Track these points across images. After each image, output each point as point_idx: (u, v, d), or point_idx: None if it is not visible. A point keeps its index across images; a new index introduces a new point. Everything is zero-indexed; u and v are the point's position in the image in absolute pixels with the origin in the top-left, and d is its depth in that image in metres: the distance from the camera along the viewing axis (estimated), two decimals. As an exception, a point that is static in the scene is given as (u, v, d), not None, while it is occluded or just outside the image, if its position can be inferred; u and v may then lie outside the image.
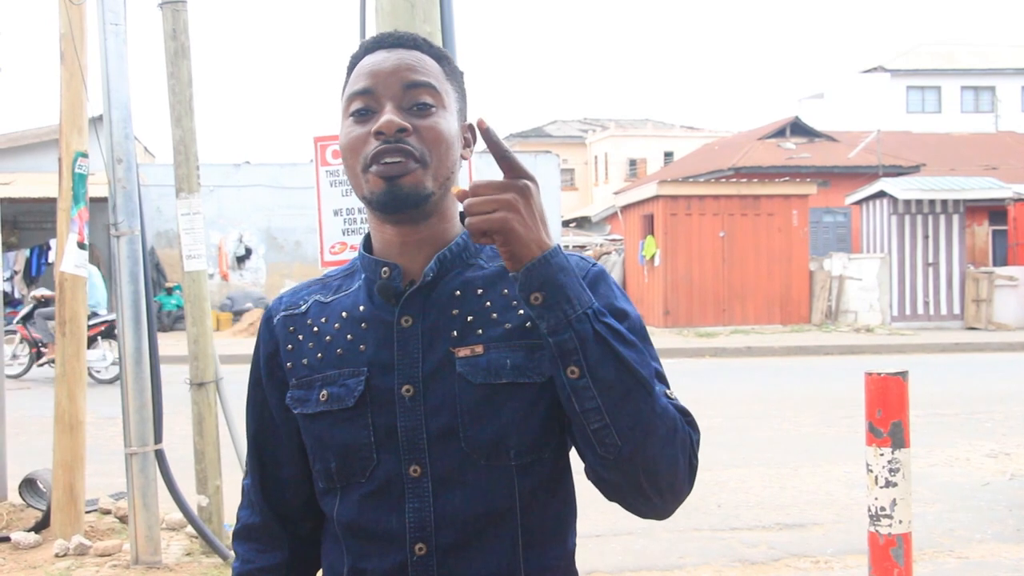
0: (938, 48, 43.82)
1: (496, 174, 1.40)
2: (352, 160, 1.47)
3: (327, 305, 1.56)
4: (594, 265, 1.52)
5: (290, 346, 1.55)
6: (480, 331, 1.46)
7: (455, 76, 1.55)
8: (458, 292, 1.48)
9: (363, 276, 1.54)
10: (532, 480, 1.45)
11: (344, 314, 1.52)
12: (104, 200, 5.36)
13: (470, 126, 1.56)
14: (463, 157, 1.52)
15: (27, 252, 22.77)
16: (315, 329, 1.54)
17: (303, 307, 1.58)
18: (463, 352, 1.44)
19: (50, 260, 21.44)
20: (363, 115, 1.46)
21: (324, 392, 1.49)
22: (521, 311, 1.46)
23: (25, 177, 21.17)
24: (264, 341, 1.59)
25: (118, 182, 5.11)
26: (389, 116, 1.43)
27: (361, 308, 1.51)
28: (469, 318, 1.47)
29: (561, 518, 1.51)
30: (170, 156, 5.71)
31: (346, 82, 1.54)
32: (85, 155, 5.60)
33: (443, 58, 1.54)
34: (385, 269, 1.49)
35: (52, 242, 19.62)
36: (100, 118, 5.21)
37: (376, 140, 1.43)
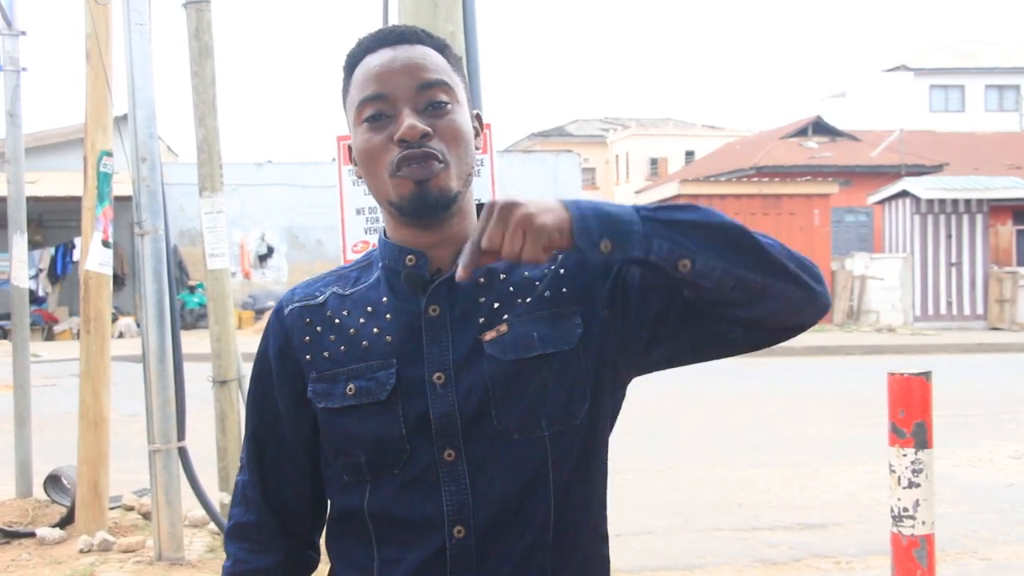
0: (961, 47, 43.51)
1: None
2: (373, 167, 1.45)
3: (347, 297, 1.53)
4: None
5: (307, 338, 1.52)
6: (506, 315, 1.46)
7: (458, 65, 1.53)
8: (482, 279, 1.48)
9: (381, 266, 1.52)
10: (564, 448, 1.45)
11: (369, 308, 1.50)
12: (128, 199, 5.40)
13: (477, 115, 1.55)
14: (476, 147, 1.51)
15: (52, 250, 22.94)
16: (336, 321, 1.51)
17: (320, 298, 1.54)
18: (490, 335, 1.45)
19: (75, 258, 21.59)
20: (378, 120, 1.44)
21: (351, 386, 1.47)
22: (538, 283, 1.48)
23: (50, 176, 21.31)
24: (274, 333, 1.56)
25: (142, 181, 5.15)
26: (411, 122, 1.41)
27: (384, 300, 1.50)
28: (496, 304, 1.47)
29: (590, 493, 1.50)
30: (192, 155, 5.74)
31: (347, 82, 1.51)
32: (110, 154, 5.64)
33: (444, 48, 1.51)
34: (411, 257, 1.48)
35: (77, 240, 19.74)
36: (125, 117, 5.25)
37: (399, 147, 1.41)
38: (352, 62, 1.50)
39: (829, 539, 5.95)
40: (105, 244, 5.61)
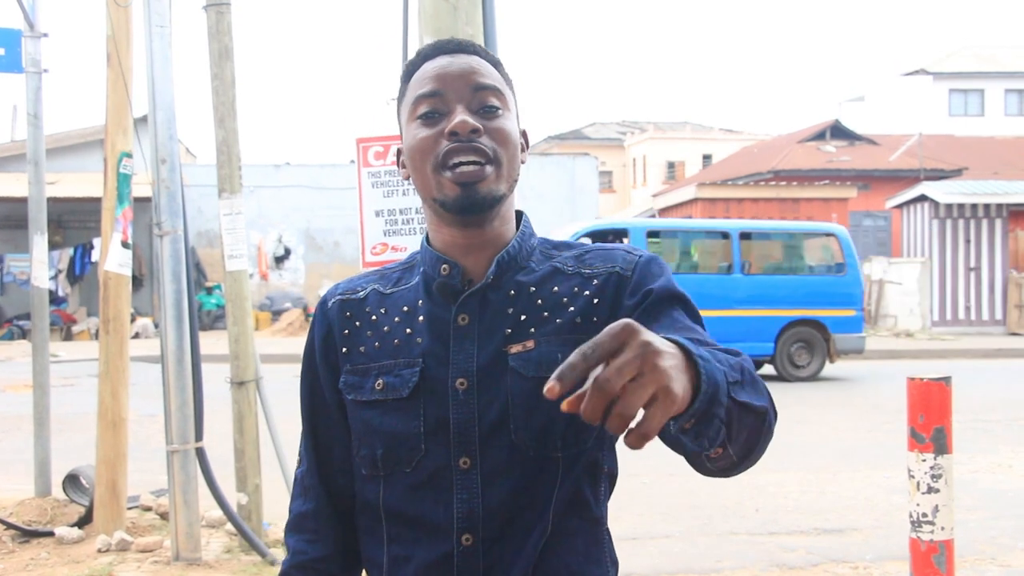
0: (981, 50, 43.30)
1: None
2: (421, 162, 1.49)
3: (387, 296, 1.57)
4: (641, 256, 1.53)
5: (347, 331, 1.57)
6: (532, 329, 1.48)
7: (511, 84, 1.59)
8: (512, 292, 1.51)
9: (422, 270, 1.56)
10: (572, 471, 1.46)
11: (405, 308, 1.54)
12: (147, 200, 5.43)
13: (524, 132, 1.60)
14: (521, 161, 1.56)
15: (71, 251, 23.07)
16: (373, 318, 1.56)
17: (361, 293, 1.59)
18: (515, 348, 1.47)
19: (93, 259, 21.70)
20: (431, 117, 1.49)
21: (380, 381, 1.51)
22: (572, 308, 1.49)
23: (70, 177, 21.44)
24: (319, 324, 1.60)
25: (162, 182, 5.17)
26: (462, 116, 1.45)
27: (420, 303, 1.54)
28: (523, 317, 1.49)
29: (589, 518, 1.50)
30: (211, 156, 5.76)
31: (403, 89, 1.56)
32: (129, 155, 5.66)
33: (499, 64, 1.57)
34: (445, 267, 1.52)
35: (96, 241, 19.84)
36: (144, 119, 5.27)
37: (448, 140, 1.46)
38: (411, 70, 1.56)
39: (847, 544, 5.93)
40: (124, 245, 5.63)
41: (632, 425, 1.02)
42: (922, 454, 3.10)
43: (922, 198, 22.23)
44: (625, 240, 14.67)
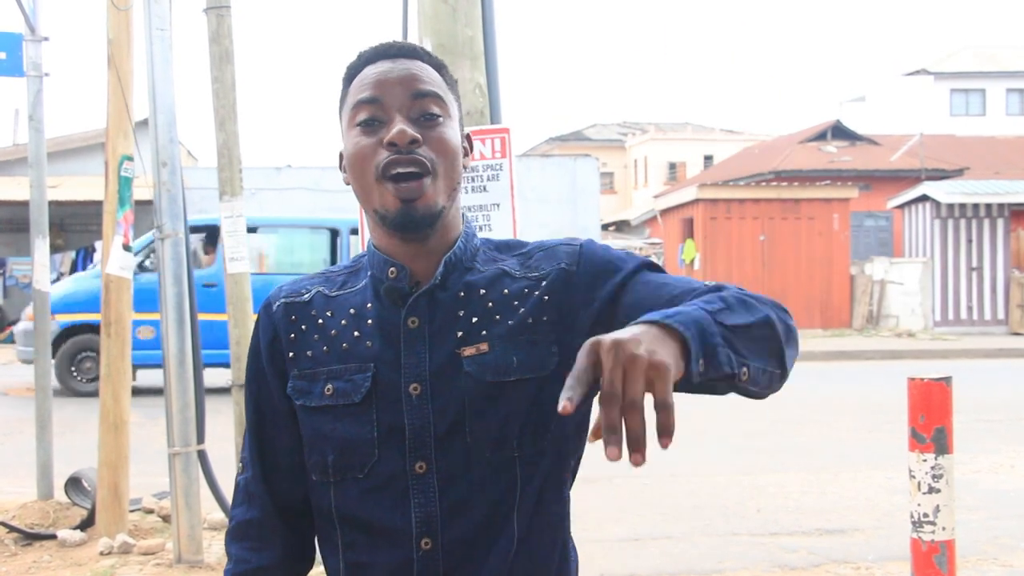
0: (982, 50, 43.26)
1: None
2: (361, 170, 1.47)
3: (333, 299, 1.55)
4: (579, 245, 1.53)
5: (292, 335, 1.54)
6: (484, 331, 1.47)
7: (453, 86, 1.57)
8: (462, 293, 1.50)
9: (369, 273, 1.55)
10: (533, 470, 1.46)
11: (352, 311, 1.53)
12: (149, 203, 5.43)
13: (468, 136, 1.59)
14: (464, 166, 1.54)
15: (73, 254, 23.07)
16: (319, 321, 1.54)
17: (305, 296, 1.57)
18: (469, 351, 1.46)
19: (95, 262, 21.71)
20: (370, 125, 1.47)
21: (329, 386, 1.49)
22: (522, 309, 1.48)
23: (72, 180, 21.44)
24: (263, 329, 1.57)
25: (163, 185, 5.18)
26: (401, 126, 1.44)
27: (368, 306, 1.52)
28: (474, 319, 1.48)
29: (557, 513, 1.51)
30: (212, 159, 5.76)
31: (344, 93, 1.54)
32: (131, 158, 5.67)
33: (442, 67, 1.56)
34: (392, 270, 1.50)
35: (97, 244, 19.84)
36: (145, 122, 5.28)
37: (387, 150, 1.44)
38: (351, 73, 1.54)
39: (849, 544, 5.93)
40: (126, 248, 5.64)
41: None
42: (923, 454, 3.10)
43: (923, 198, 22.23)
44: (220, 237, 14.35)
